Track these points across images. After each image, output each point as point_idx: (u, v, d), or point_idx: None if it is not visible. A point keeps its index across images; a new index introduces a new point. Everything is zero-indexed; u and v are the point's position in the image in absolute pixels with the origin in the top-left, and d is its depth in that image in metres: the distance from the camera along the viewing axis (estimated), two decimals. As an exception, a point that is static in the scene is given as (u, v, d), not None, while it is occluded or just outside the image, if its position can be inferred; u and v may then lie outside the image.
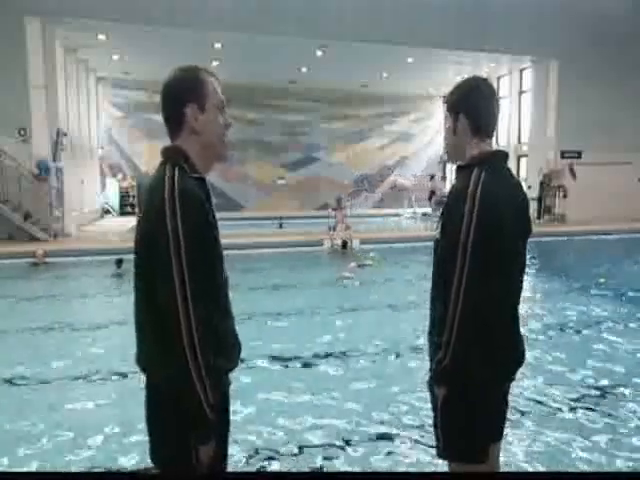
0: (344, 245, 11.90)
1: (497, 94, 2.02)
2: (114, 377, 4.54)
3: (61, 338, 5.78)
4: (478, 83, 1.95)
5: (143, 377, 1.67)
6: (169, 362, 1.51)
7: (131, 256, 1.64)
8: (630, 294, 7.65)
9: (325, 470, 3.08)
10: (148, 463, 1.71)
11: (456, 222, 1.79)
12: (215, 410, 1.56)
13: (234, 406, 3.54)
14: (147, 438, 1.69)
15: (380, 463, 3.16)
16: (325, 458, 3.22)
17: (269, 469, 3.11)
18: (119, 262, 8.90)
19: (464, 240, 1.76)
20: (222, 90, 1.72)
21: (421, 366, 4.40)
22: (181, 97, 1.65)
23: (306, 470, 3.07)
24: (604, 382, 4.40)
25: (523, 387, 4.17)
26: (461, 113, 1.90)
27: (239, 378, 4.11)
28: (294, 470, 3.07)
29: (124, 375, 4.46)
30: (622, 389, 4.28)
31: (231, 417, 1.82)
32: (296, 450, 3.31)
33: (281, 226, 16.04)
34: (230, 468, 1.95)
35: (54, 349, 5.36)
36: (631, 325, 6.13)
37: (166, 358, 1.52)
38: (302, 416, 3.77)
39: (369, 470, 3.07)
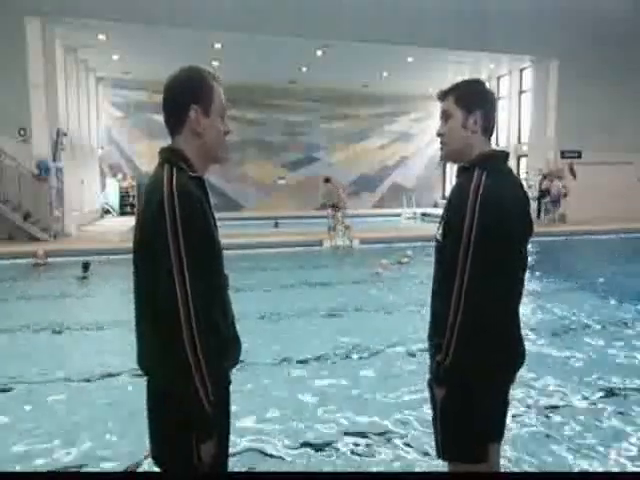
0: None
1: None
2: (117, 377, 4.53)
3: (64, 338, 5.78)
4: (487, 86, 2.00)
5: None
6: (169, 360, 1.52)
7: (99, 257, 1.65)
8: (630, 294, 7.64)
9: (325, 470, 3.08)
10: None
11: (458, 223, 1.79)
12: (216, 408, 1.56)
13: (241, 406, 3.55)
14: (148, 437, 1.69)
15: (380, 463, 3.16)
16: (325, 458, 3.23)
17: (269, 469, 3.11)
18: (85, 266, 8.81)
19: (466, 241, 1.76)
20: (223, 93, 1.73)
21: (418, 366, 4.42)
22: (187, 98, 1.65)
23: (306, 470, 3.07)
24: (606, 382, 4.40)
25: (523, 387, 4.16)
26: (478, 110, 1.89)
27: (256, 377, 4.13)
28: (294, 470, 3.07)
29: (127, 375, 4.46)
30: (622, 389, 4.27)
31: (236, 417, 1.82)
32: (296, 450, 3.32)
33: (277, 225, 16.02)
34: (231, 468, 1.94)
35: (57, 349, 5.36)
36: (631, 324, 6.13)
37: (166, 356, 1.52)
38: (305, 416, 3.77)
39: (369, 470, 3.07)
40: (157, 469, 1.70)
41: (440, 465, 2.08)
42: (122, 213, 19.87)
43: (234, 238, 11.13)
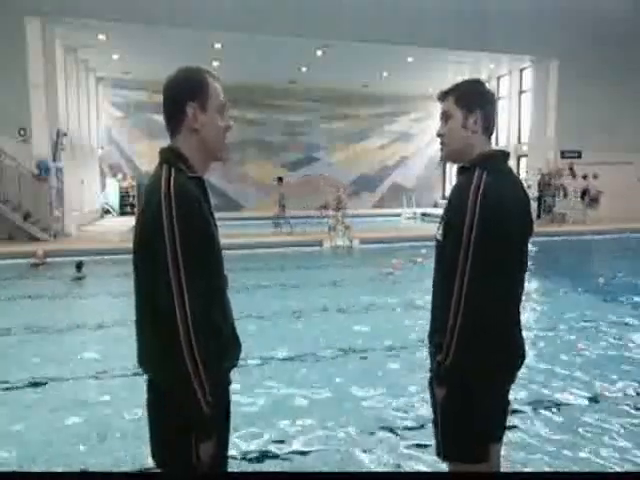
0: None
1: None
2: (115, 377, 4.53)
3: (64, 338, 5.78)
4: (486, 86, 2.00)
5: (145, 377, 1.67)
6: (167, 360, 1.51)
7: (99, 257, 1.64)
8: (629, 294, 7.64)
9: (325, 470, 3.08)
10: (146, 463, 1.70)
11: (458, 223, 1.79)
12: (215, 408, 1.56)
13: (242, 405, 3.54)
14: (148, 437, 1.69)
15: (380, 463, 3.16)
16: (325, 458, 3.22)
17: (269, 469, 3.11)
18: (79, 266, 8.78)
19: (466, 241, 1.76)
20: (223, 92, 1.73)
21: (414, 366, 4.42)
22: (183, 95, 1.65)
23: (306, 470, 3.07)
24: (606, 382, 4.40)
25: (524, 387, 4.16)
26: (478, 110, 1.90)
27: (257, 377, 4.13)
28: (294, 470, 3.07)
29: (125, 375, 4.46)
30: (623, 390, 4.28)
31: (238, 417, 1.82)
32: (297, 449, 3.32)
33: (276, 225, 15.99)
34: (230, 467, 1.94)
35: (56, 350, 5.36)
36: (630, 325, 6.14)
37: (164, 357, 1.52)
38: (306, 415, 3.77)
39: (369, 470, 3.07)
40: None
41: (440, 465, 2.08)
42: (122, 213, 19.86)
43: (234, 238, 11.13)
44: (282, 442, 3.40)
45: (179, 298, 1.49)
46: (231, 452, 1.87)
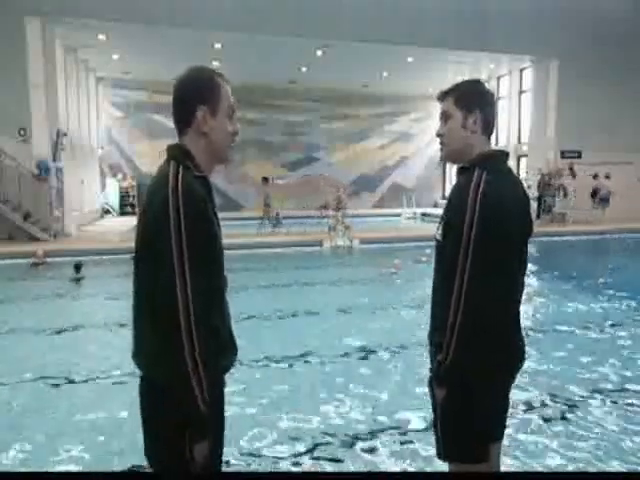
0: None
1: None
2: (113, 378, 4.53)
3: (63, 338, 5.79)
4: (486, 87, 2.00)
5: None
6: (166, 358, 1.51)
7: (99, 257, 1.63)
8: (630, 294, 7.64)
9: (325, 470, 3.08)
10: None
11: (458, 222, 1.79)
12: (211, 409, 1.55)
13: (242, 405, 3.54)
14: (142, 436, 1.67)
15: (380, 463, 3.16)
16: (325, 458, 3.22)
17: (269, 469, 3.11)
18: (77, 267, 8.76)
19: (466, 239, 1.76)
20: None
21: (416, 366, 4.42)
22: (194, 98, 1.65)
23: (306, 470, 3.07)
24: (606, 382, 4.40)
25: (523, 386, 4.16)
26: (478, 111, 1.90)
27: (257, 376, 4.14)
28: (294, 470, 3.07)
29: (123, 376, 4.46)
30: (623, 389, 4.28)
31: (237, 416, 1.82)
32: (297, 449, 3.32)
33: (275, 226, 16.00)
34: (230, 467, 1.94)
35: (55, 350, 5.36)
36: (630, 325, 6.14)
37: (163, 353, 1.51)
38: (306, 415, 3.77)
39: (369, 470, 3.07)
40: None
41: (441, 465, 2.08)
42: (122, 213, 19.87)
43: (234, 238, 11.13)
44: (281, 442, 3.40)
45: (182, 296, 1.49)
46: (226, 453, 1.86)
